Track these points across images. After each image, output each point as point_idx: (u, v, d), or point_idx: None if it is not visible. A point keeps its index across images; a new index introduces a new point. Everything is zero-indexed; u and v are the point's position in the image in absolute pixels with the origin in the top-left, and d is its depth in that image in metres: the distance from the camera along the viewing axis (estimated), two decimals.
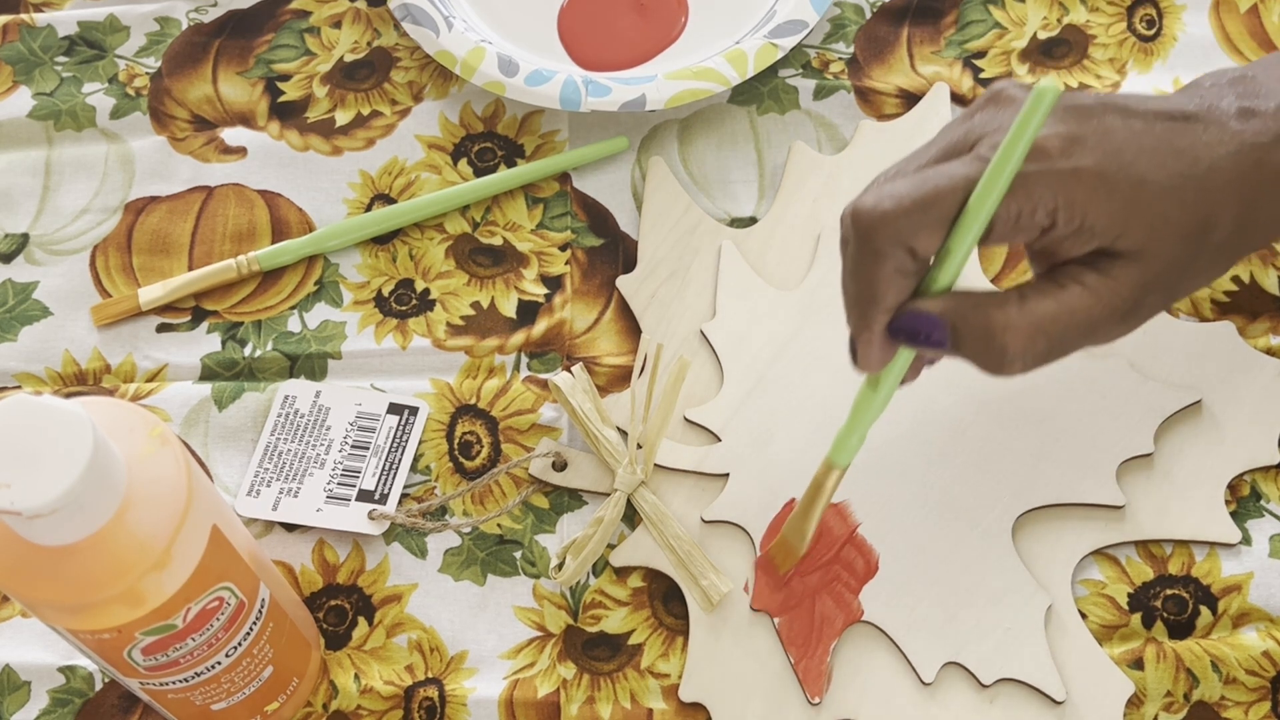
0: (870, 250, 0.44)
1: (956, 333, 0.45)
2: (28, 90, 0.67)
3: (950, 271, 0.45)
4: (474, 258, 0.62)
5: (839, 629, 0.53)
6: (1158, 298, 0.46)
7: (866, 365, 0.47)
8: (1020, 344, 0.44)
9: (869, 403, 0.48)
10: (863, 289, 0.45)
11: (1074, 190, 0.44)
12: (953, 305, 0.45)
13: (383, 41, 0.68)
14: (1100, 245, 0.45)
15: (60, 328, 0.61)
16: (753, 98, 0.66)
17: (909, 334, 0.45)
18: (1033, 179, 0.43)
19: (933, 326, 0.45)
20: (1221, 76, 0.49)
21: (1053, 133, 0.44)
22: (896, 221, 0.43)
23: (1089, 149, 0.44)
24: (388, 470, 0.57)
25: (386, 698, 0.53)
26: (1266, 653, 0.52)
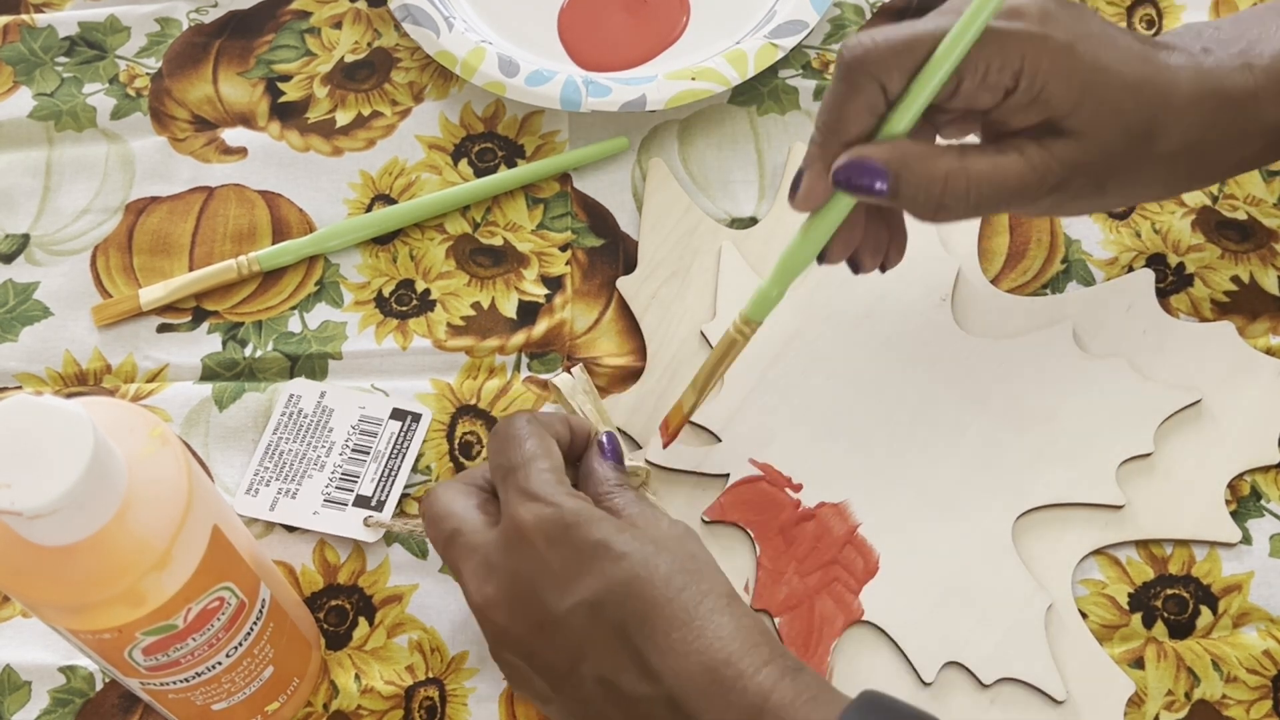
0: (848, 82, 0.47)
1: (898, 180, 0.47)
2: (28, 91, 0.67)
3: (907, 116, 0.47)
4: (474, 258, 0.62)
5: (839, 629, 0.53)
6: (1086, 182, 0.49)
7: (806, 200, 0.49)
8: (954, 193, 0.47)
9: (795, 255, 0.50)
10: (830, 119, 0.48)
11: (1041, 56, 0.46)
12: (897, 154, 0.47)
13: (383, 42, 0.68)
14: (1048, 117, 0.47)
15: (61, 328, 0.61)
16: (753, 98, 0.66)
17: (850, 180, 0.47)
18: (1005, 35, 0.46)
19: (875, 173, 0.47)
20: (1190, 28, 0.52)
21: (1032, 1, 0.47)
22: (875, 57, 0.47)
23: (1061, 25, 0.47)
24: (387, 476, 0.57)
25: (387, 698, 0.53)
26: (1267, 652, 0.52)
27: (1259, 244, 0.60)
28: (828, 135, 0.48)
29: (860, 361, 0.58)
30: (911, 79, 0.47)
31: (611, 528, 0.47)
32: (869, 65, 0.47)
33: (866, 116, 0.47)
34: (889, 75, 0.47)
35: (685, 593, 0.46)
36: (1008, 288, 0.60)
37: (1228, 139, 0.50)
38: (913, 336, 0.58)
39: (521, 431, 0.50)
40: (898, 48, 0.46)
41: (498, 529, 0.48)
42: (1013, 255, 0.61)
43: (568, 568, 0.46)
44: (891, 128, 0.47)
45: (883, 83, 0.47)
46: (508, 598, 0.47)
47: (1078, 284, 0.60)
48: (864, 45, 0.47)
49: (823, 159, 0.48)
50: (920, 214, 0.48)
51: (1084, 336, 0.58)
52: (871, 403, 0.57)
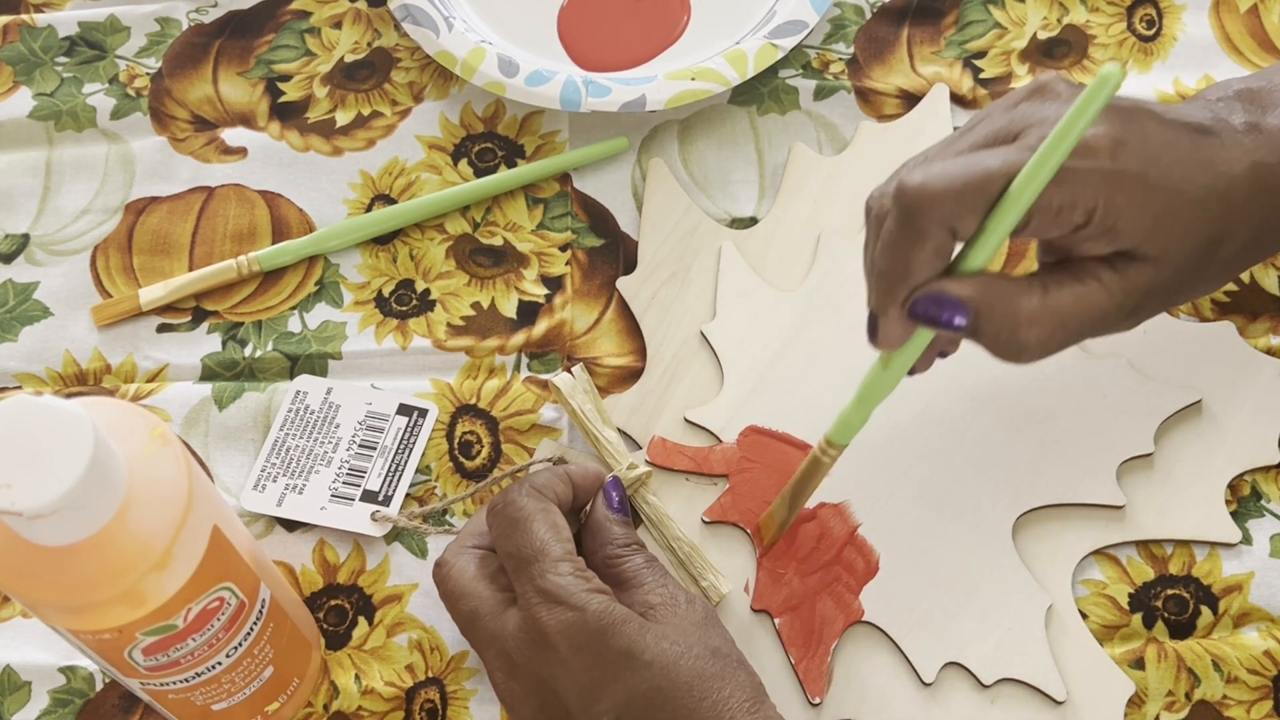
0: (913, 227, 0.44)
1: (979, 318, 0.45)
2: (28, 90, 0.67)
3: (982, 256, 0.45)
4: (474, 258, 0.62)
5: (839, 629, 0.53)
6: (1159, 301, 0.47)
7: (886, 343, 0.47)
8: (1040, 336, 0.45)
9: (878, 382, 0.48)
10: (896, 265, 0.45)
11: (1116, 193, 0.44)
12: (979, 292, 0.45)
13: (383, 42, 0.68)
14: (1123, 248, 0.45)
15: (61, 328, 0.61)
16: (753, 98, 0.66)
17: (930, 315, 0.45)
18: (1080, 174, 0.44)
19: (956, 310, 0.44)
20: (1228, 88, 0.50)
21: (1100, 132, 0.44)
22: (945, 200, 0.43)
23: (1132, 153, 0.44)
24: (393, 471, 0.57)
25: (388, 699, 0.53)
26: (1268, 652, 0.52)
27: None
28: (894, 281, 0.45)
29: (860, 362, 0.58)
30: (983, 220, 0.44)
31: (635, 632, 0.47)
32: (938, 209, 0.43)
33: (935, 261, 0.44)
34: (959, 220, 0.44)
35: (705, 702, 0.46)
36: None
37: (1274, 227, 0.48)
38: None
39: (526, 512, 0.49)
40: (968, 189, 0.43)
41: (517, 620, 0.48)
42: (1013, 255, 0.61)
43: (593, 676, 0.46)
44: (967, 265, 0.45)
45: (952, 227, 0.44)
46: (533, 698, 0.47)
47: None
48: (930, 188, 0.43)
49: (895, 303, 0.45)
50: (1001, 356, 0.46)
51: None
52: None
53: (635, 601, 0.48)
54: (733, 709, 0.46)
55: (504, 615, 0.48)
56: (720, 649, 0.48)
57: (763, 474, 0.56)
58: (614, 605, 0.47)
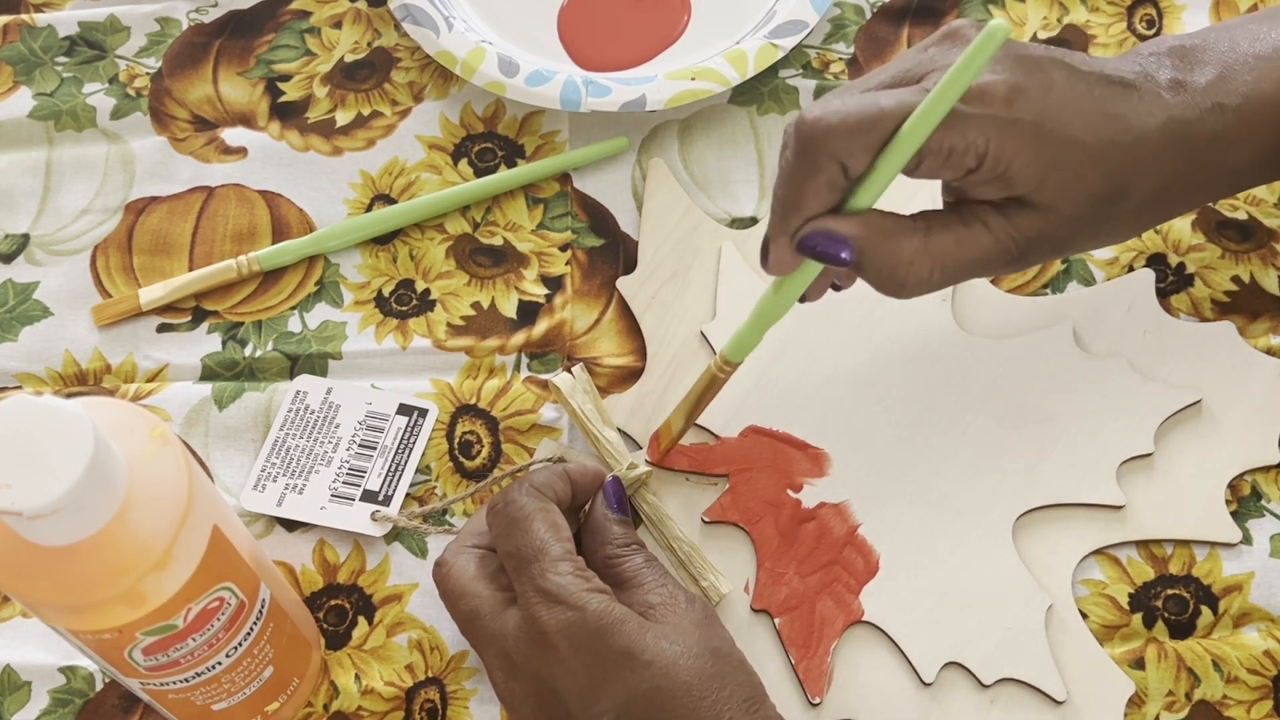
0: (807, 159, 0.46)
1: (862, 255, 0.47)
2: (28, 90, 0.67)
3: (871, 194, 0.46)
4: (474, 258, 0.62)
5: (839, 629, 0.53)
6: (1050, 248, 0.49)
7: (776, 269, 0.49)
8: (919, 275, 0.47)
9: (771, 306, 0.50)
10: (790, 194, 0.47)
11: (1007, 140, 0.45)
12: (863, 231, 0.46)
13: (383, 42, 0.68)
14: (1014, 194, 0.47)
15: (61, 328, 0.61)
16: (753, 98, 0.66)
17: (817, 250, 0.47)
18: (971, 120, 0.45)
19: (840, 247, 0.46)
20: (1162, 44, 0.51)
21: (999, 79, 0.45)
22: (836, 136, 0.45)
23: (1031, 101, 0.45)
24: (393, 471, 0.57)
25: (388, 699, 0.53)
26: (1268, 652, 0.52)
27: (1259, 244, 0.60)
28: (789, 210, 0.47)
29: (860, 361, 0.58)
30: (874, 158, 0.45)
31: (634, 631, 0.47)
32: (830, 143, 0.45)
33: (826, 193, 0.46)
34: (850, 155, 0.45)
35: (705, 702, 0.46)
36: (1008, 288, 0.60)
37: (1192, 183, 0.50)
38: (913, 336, 0.58)
39: (526, 511, 0.50)
40: (860, 126, 0.45)
41: (517, 619, 0.48)
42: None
43: (593, 676, 0.46)
44: (856, 203, 0.46)
45: (843, 161, 0.45)
46: (533, 698, 0.47)
47: (1078, 284, 0.60)
48: (825, 122, 0.45)
49: (785, 232, 0.47)
50: (882, 291, 0.48)
51: (1084, 336, 0.58)
52: (871, 403, 0.57)
53: (635, 601, 0.49)
54: (732, 709, 0.46)
55: (504, 615, 0.48)
56: (720, 649, 0.48)
57: (762, 474, 0.56)
58: (614, 605, 0.47)
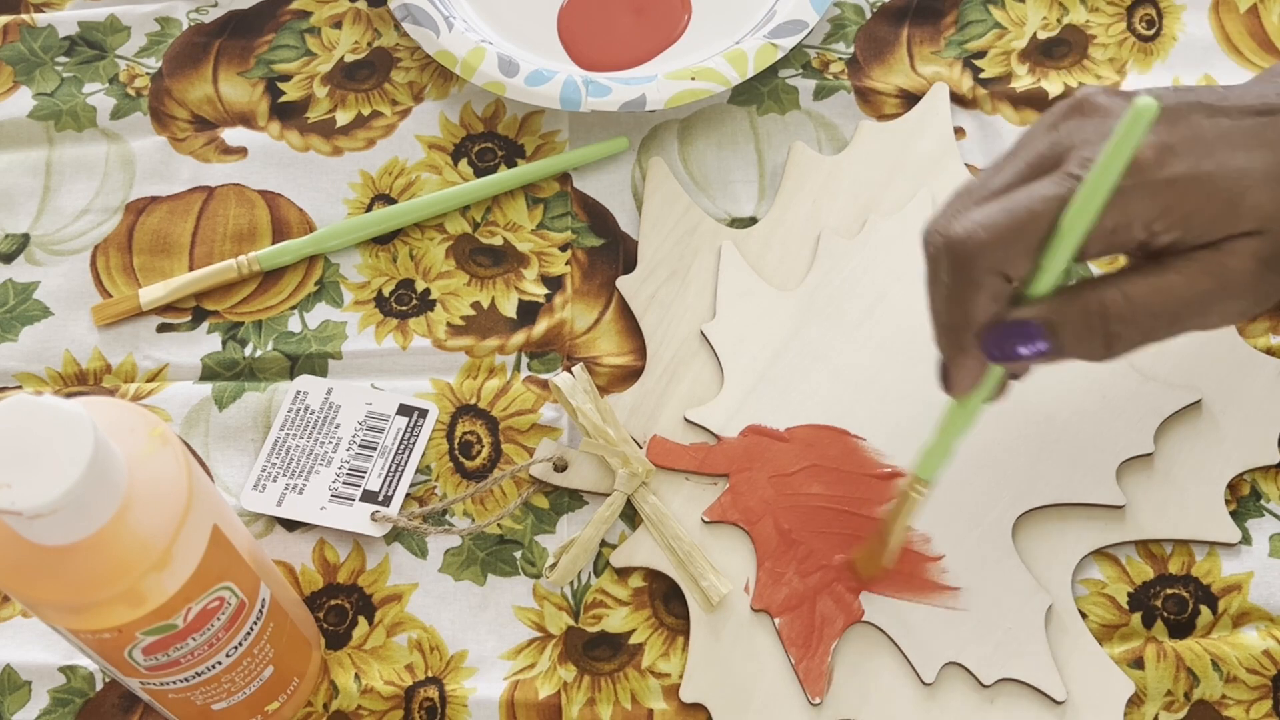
0: (967, 279, 0.43)
1: (1054, 327, 0.44)
2: (28, 90, 0.67)
3: (1043, 289, 0.44)
4: (474, 258, 0.62)
5: (840, 629, 0.53)
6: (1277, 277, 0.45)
7: (960, 389, 0.46)
8: (1121, 320, 0.44)
9: (958, 420, 0.48)
10: (956, 316, 0.44)
11: (1169, 199, 0.43)
12: (1045, 306, 0.44)
13: (383, 42, 0.68)
14: (1217, 237, 0.44)
15: (61, 328, 0.61)
16: (753, 98, 0.66)
17: (1006, 349, 0.44)
18: (1128, 193, 0.42)
19: (1031, 333, 0.44)
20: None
21: (1145, 143, 0.43)
22: (993, 250, 0.43)
23: (1181, 157, 0.43)
24: (393, 472, 0.57)
25: (387, 698, 0.53)
26: (1267, 651, 0.52)
27: None
28: (958, 331, 0.44)
29: (860, 361, 0.58)
30: (1033, 258, 0.43)
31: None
32: (987, 259, 0.43)
33: (993, 305, 0.44)
34: (1011, 264, 0.43)
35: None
36: None
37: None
38: (913, 336, 0.58)
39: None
40: (1014, 234, 0.42)
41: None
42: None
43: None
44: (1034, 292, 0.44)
45: (1004, 272, 0.43)
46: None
47: None
48: (977, 239, 0.42)
49: (963, 350, 0.45)
50: (1092, 355, 0.44)
51: None
52: (871, 403, 0.57)
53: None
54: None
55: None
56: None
57: (762, 474, 0.56)
58: None
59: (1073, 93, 0.45)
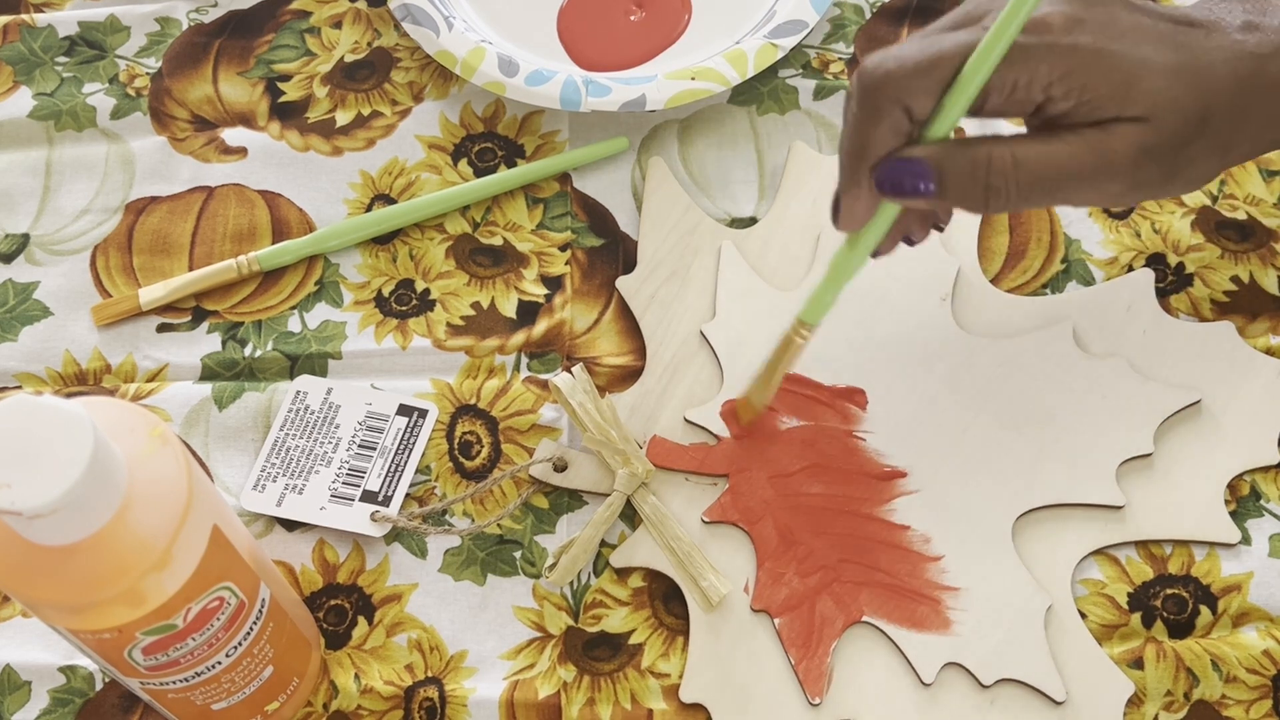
0: (870, 106, 0.46)
1: (941, 172, 0.46)
2: (28, 90, 0.67)
3: (939, 131, 0.46)
4: (474, 258, 0.62)
5: (839, 629, 0.53)
6: (1156, 169, 0.47)
7: (849, 222, 0.48)
8: (1003, 174, 0.46)
9: (846, 262, 0.50)
10: (856, 143, 0.47)
11: (1071, 63, 0.45)
12: (937, 149, 0.46)
13: (383, 42, 0.68)
14: (1106, 116, 0.46)
15: (61, 328, 0.61)
16: (753, 98, 0.66)
17: (894, 181, 0.47)
18: (1031, 50, 0.45)
19: (919, 171, 0.46)
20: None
21: (1056, 10, 0.46)
22: (897, 81, 0.45)
23: (1090, 29, 0.46)
24: (393, 472, 0.57)
25: (387, 698, 0.53)
26: (1267, 651, 0.52)
27: (1259, 244, 0.60)
28: (856, 159, 0.47)
29: (859, 361, 0.58)
30: (937, 100, 0.46)
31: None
32: (891, 88, 0.45)
33: (892, 139, 0.46)
34: (914, 98, 0.46)
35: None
36: (1008, 288, 0.60)
37: (1271, 119, 0.50)
38: (913, 336, 0.58)
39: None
40: (920, 69, 0.45)
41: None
42: (1013, 255, 0.61)
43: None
44: (929, 135, 0.46)
45: (907, 105, 0.46)
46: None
47: (1078, 284, 0.60)
48: (885, 68, 0.45)
49: (856, 182, 0.47)
50: (971, 204, 0.47)
51: (1084, 336, 0.58)
52: (871, 402, 0.57)
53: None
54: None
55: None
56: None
57: (762, 474, 0.56)
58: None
59: None
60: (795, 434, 0.56)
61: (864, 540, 0.54)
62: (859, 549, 0.54)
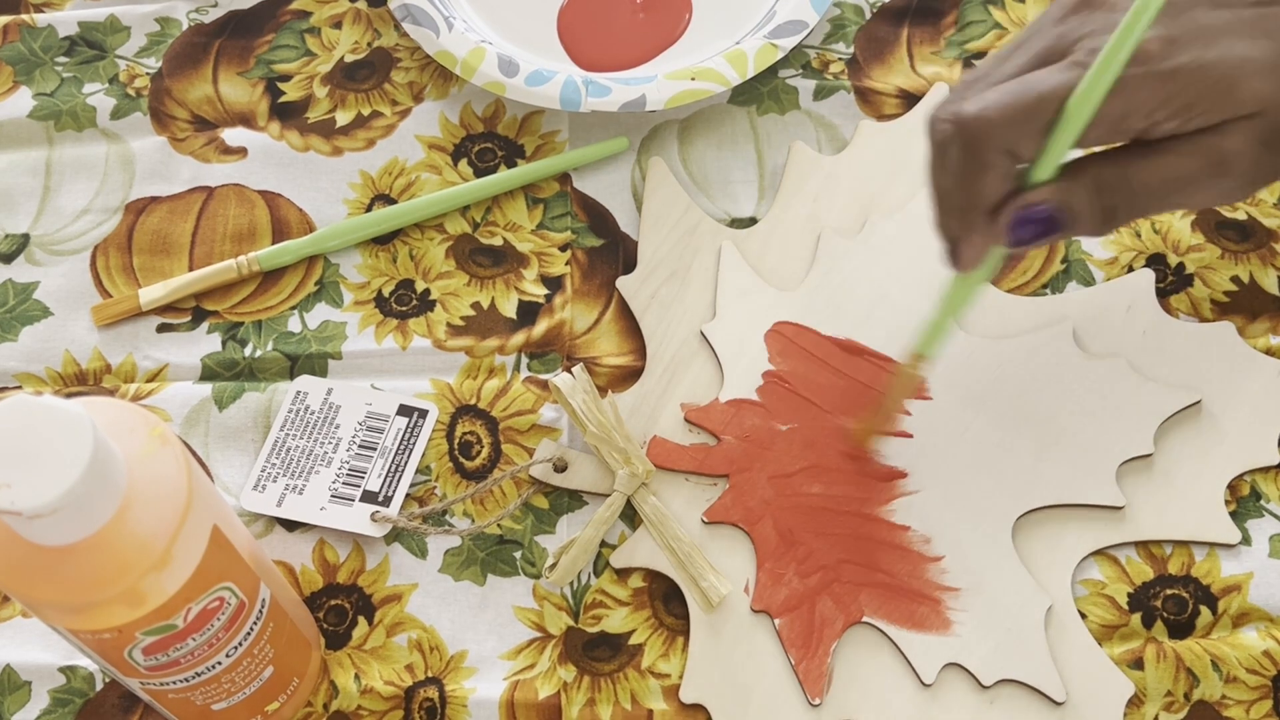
0: (976, 158, 0.45)
1: (1067, 208, 0.46)
2: (28, 90, 0.67)
3: (1046, 171, 0.46)
4: (474, 258, 0.62)
5: (839, 630, 0.53)
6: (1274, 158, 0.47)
7: (971, 264, 0.48)
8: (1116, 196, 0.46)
9: (958, 297, 0.50)
10: (966, 195, 0.46)
11: (1173, 88, 0.45)
12: (1057, 190, 0.46)
13: (383, 42, 0.68)
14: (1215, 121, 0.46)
15: (61, 328, 0.61)
16: (753, 98, 0.66)
17: (1028, 234, 0.46)
18: (1132, 81, 0.44)
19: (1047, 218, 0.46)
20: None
21: (1150, 35, 0.45)
22: (1003, 129, 0.45)
23: (1185, 46, 0.45)
24: (393, 472, 0.57)
25: (387, 698, 0.53)
26: (1267, 652, 0.52)
27: (1259, 244, 0.60)
28: (968, 210, 0.47)
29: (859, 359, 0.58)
30: (1041, 139, 0.45)
31: None
32: (997, 138, 0.45)
33: (1000, 184, 0.46)
34: (1019, 144, 0.45)
35: None
36: (1008, 288, 0.60)
37: None
38: (913, 336, 0.58)
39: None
40: (1023, 115, 0.45)
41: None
42: (1013, 255, 0.61)
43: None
44: (1037, 176, 0.46)
45: (1013, 151, 0.45)
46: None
47: (1078, 284, 0.60)
48: (987, 117, 0.45)
49: (972, 229, 0.47)
50: (1093, 232, 0.47)
51: (1084, 336, 0.58)
52: None
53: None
54: None
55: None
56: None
57: (762, 474, 0.56)
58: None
59: None
60: (795, 434, 0.56)
61: (864, 541, 0.54)
62: (859, 549, 0.54)
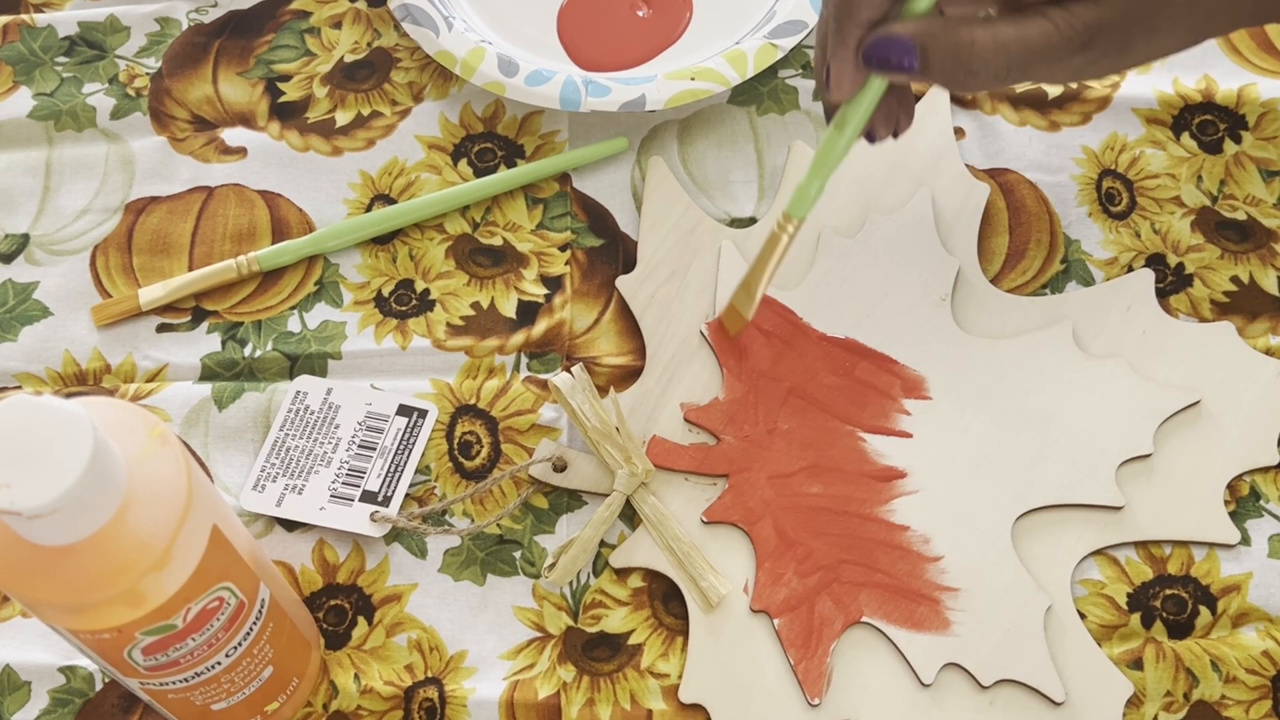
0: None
1: (925, 52, 0.47)
2: (28, 90, 0.67)
3: (921, 6, 0.47)
4: (474, 258, 0.62)
5: (839, 630, 0.53)
6: (1112, 39, 0.48)
7: (838, 88, 0.49)
8: (984, 59, 0.47)
9: (832, 147, 0.51)
10: (842, 8, 0.48)
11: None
12: (922, 27, 0.48)
13: (383, 42, 0.68)
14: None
15: (60, 328, 0.61)
16: (752, 98, 0.66)
17: (880, 58, 0.48)
18: None
19: (904, 49, 0.47)
20: None
21: None
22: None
23: None
24: (393, 472, 0.57)
25: (387, 698, 0.53)
26: (1266, 652, 0.52)
27: (1258, 244, 0.60)
28: (844, 20, 0.48)
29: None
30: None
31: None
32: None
33: (875, 9, 0.48)
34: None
35: None
36: (1008, 288, 0.60)
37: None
38: (913, 336, 0.58)
39: None
40: None
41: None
42: (1012, 255, 0.61)
43: None
44: (912, 9, 0.48)
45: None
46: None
47: (1077, 284, 0.60)
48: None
49: (844, 45, 0.49)
50: (951, 84, 0.49)
51: (1084, 336, 0.58)
52: None
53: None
54: None
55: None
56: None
57: (762, 474, 0.56)
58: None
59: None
60: (795, 434, 0.56)
61: (863, 540, 0.54)
62: (858, 549, 0.54)
